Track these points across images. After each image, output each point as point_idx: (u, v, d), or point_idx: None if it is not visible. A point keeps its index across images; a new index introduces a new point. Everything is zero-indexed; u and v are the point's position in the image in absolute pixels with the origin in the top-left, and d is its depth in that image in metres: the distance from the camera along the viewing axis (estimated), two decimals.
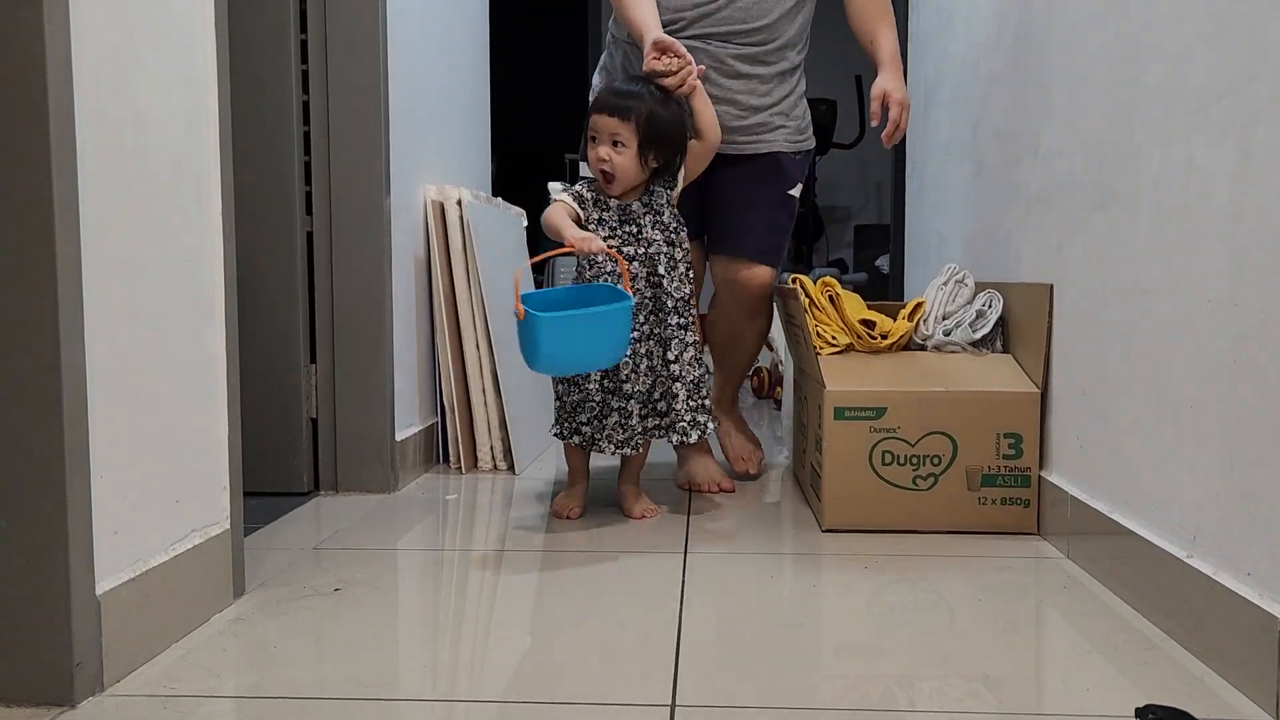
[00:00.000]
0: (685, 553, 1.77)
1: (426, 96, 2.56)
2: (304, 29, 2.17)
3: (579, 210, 1.94)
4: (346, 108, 2.18)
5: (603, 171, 1.93)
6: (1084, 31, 1.71)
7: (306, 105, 2.18)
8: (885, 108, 2.16)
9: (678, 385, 1.94)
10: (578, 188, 2.00)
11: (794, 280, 2.17)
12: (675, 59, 1.93)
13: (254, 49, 2.12)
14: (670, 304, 1.94)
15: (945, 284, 2.14)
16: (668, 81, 1.93)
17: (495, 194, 3.15)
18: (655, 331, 1.95)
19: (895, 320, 2.12)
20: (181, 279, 1.37)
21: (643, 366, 1.93)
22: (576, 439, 1.97)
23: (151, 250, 1.30)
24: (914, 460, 1.88)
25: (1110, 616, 1.45)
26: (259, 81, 2.13)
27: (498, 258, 2.65)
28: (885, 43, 2.23)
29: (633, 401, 1.92)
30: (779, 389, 3.57)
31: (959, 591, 1.56)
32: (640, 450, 2.00)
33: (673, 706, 1.15)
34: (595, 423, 1.95)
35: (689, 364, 1.95)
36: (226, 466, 1.48)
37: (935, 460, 1.89)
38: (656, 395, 1.97)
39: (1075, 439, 1.74)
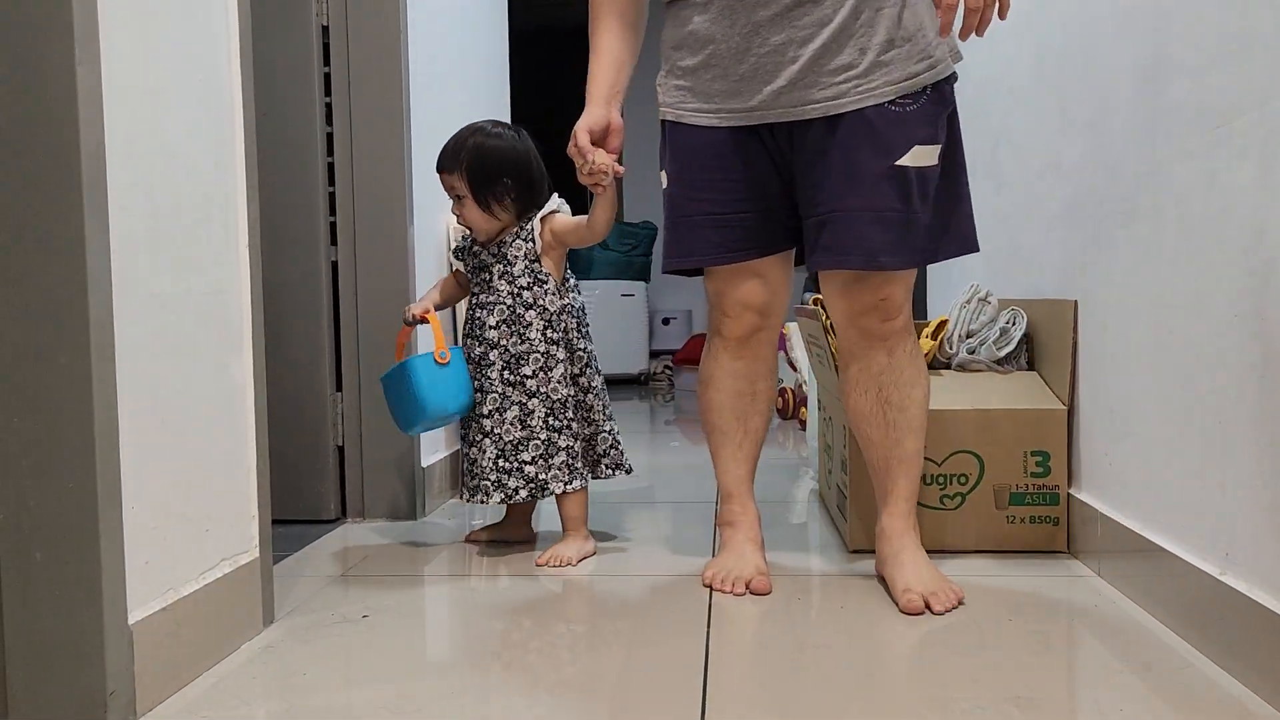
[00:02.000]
0: None
1: (449, 125, 2.58)
2: (327, 62, 2.20)
3: (462, 265, 1.99)
4: (369, 139, 2.21)
5: (464, 225, 1.96)
6: (1105, 48, 1.71)
7: (330, 137, 2.21)
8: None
9: (487, 441, 1.88)
10: (459, 243, 2.02)
11: (814, 301, 2.17)
12: (580, 158, 1.66)
13: (278, 83, 2.15)
14: (494, 357, 1.88)
15: (968, 302, 2.14)
16: (581, 178, 1.69)
17: None
18: (477, 384, 1.91)
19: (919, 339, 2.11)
20: (210, 310, 1.39)
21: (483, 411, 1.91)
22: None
23: (180, 283, 1.32)
24: (940, 479, 1.87)
25: (1143, 635, 1.43)
26: (283, 115, 2.17)
27: None
28: None
29: (486, 442, 1.89)
30: (804, 410, 3.56)
31: (989, 611, 1.55)
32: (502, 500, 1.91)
33: None
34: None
35: (511, 424, 1.86)
36: (255, 495, 1.49)
37: (962, 479, 1.88)
38: (524, 456, 1.88)
39: (1104, 456, 1.73)
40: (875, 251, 1.54)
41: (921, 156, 1.54)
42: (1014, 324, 2.06)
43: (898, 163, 1.52)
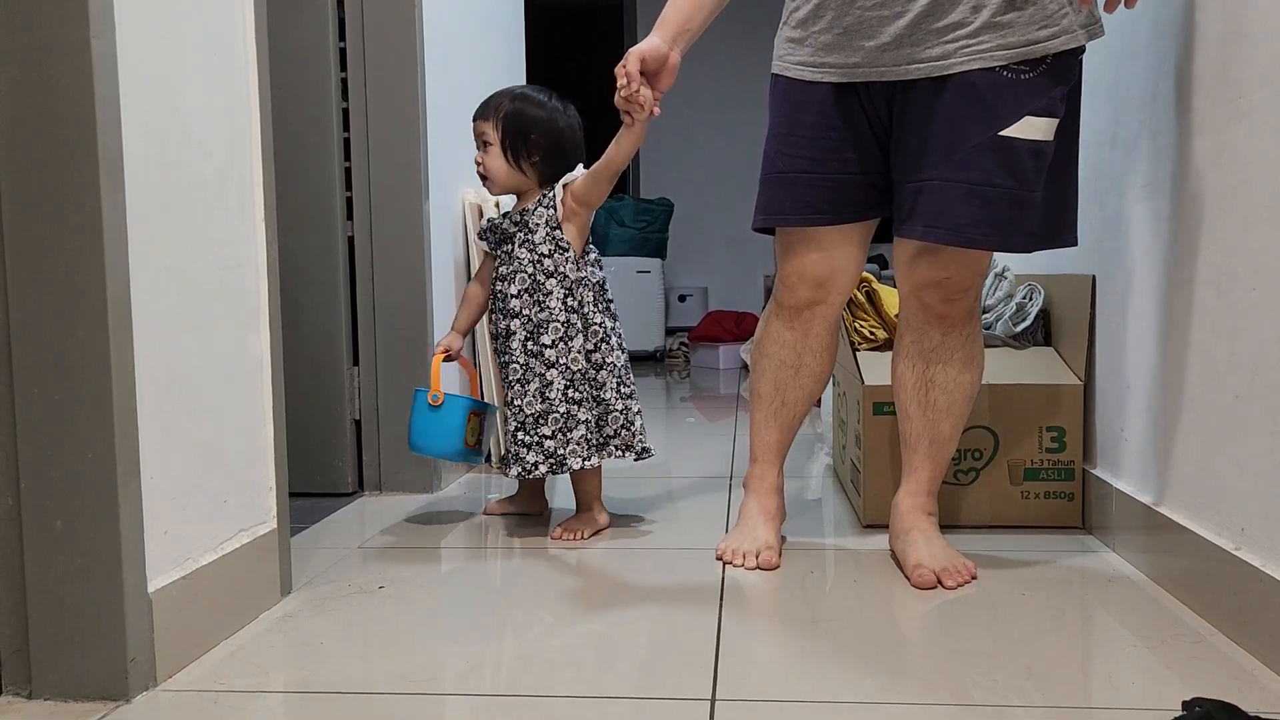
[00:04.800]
0: None
1: (464, 102, 2.58)
2: (343, 37, 2.20)
3: (486, 246, 1.96)
4: (385, 114, 2.21)
5: (481, 175, 1.93)
6: (1125, 22, 1.69)
7: (346, 112, 2.22)
8: None
9: (508, 412, 1.88)
10: (486, 220, 1.98)
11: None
12: (625, 78, 1.57)
13: (294, 58, 2.15)
14: (516, 327, 1.87)
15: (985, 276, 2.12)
16: (617, 100, 1.61)
17: None
18: (504, 358, 1.89)
19: None
20: (227, 285, 1.40)
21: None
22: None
23: (197, 257, 1.33)
24: (955, 455, 1.87)
25: (1157, 610, 1.43)
26: (299, 90, 2.17)
27: None
28: None
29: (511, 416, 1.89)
30: None
31: (1002, 586, 1.55)
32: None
33: (713, 700, 1.15)
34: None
35: (532, 396, 1.84)
36: (273, 467, 1.51)
37: (976, 454, 1.88)
38: (545, 430, 1.87)
39: (1120, 432, 1.72)
40: (964, 227, 1.46)
41: (1035, 129, 1.44)
42: (1031, 299, 2.04)
43: (1003, 133, 1.43)
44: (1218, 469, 1.37)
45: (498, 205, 2.53)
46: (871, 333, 2.06)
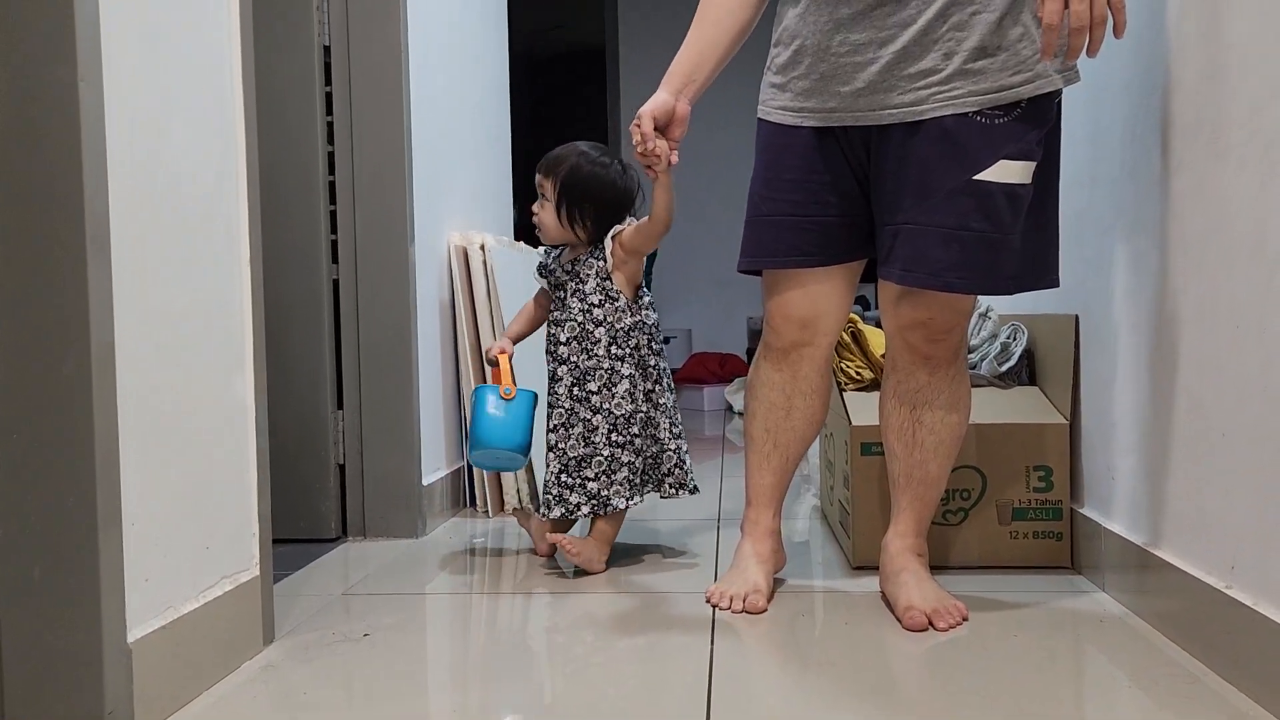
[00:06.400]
0: None
1: (449, 145, 2.60)
2: (329, 81, 2.21)
3: (545, 281, 2.02)
4: (371, 158, 2.22)
5: (534, 223, 2.00)
6: (1103, 64, 1.71)
7: (332, 156, 2.22)
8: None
9: (551, 455, 1.94)
10: (541, 259, 2.05)
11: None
12: (639, 137, 1.62)
13: (280, 101, 2.16)
14: (563, 373, 1.93)
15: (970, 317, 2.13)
16: (636, 157, 1.69)
17: (517, 239, 3.18)
18: (549, 399, 1.96)
19: None
20: (212, 327, 1.38)
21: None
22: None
23: (182, 299, 1.32)
24: (944, 495, 1.86)
25: (1149, 650, 1.42)
26: (286, 133, 2.17)
27: (522, 301, 2.66)
28: None
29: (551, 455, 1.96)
30: None
31: (994, 627, 1.54)
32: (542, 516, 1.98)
33: None
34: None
35: (575, 440, 1.90)
36: (256, 513, 1.49)
37: (964, 494, 1.87)
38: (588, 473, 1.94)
39: (1106, 470, 1.72)
40: (942, 270, 1.47)
41: (1010, 173, 1.45)
42: (1015, 339, 2.05)
43: (978, 177, 1.44)
44: (1206, 507, 1.37)
45: (483, 248, 2.53)
46: (858, 373, 2.06)
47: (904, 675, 1.39)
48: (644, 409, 1.93)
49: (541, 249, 2.07)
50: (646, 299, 1.98)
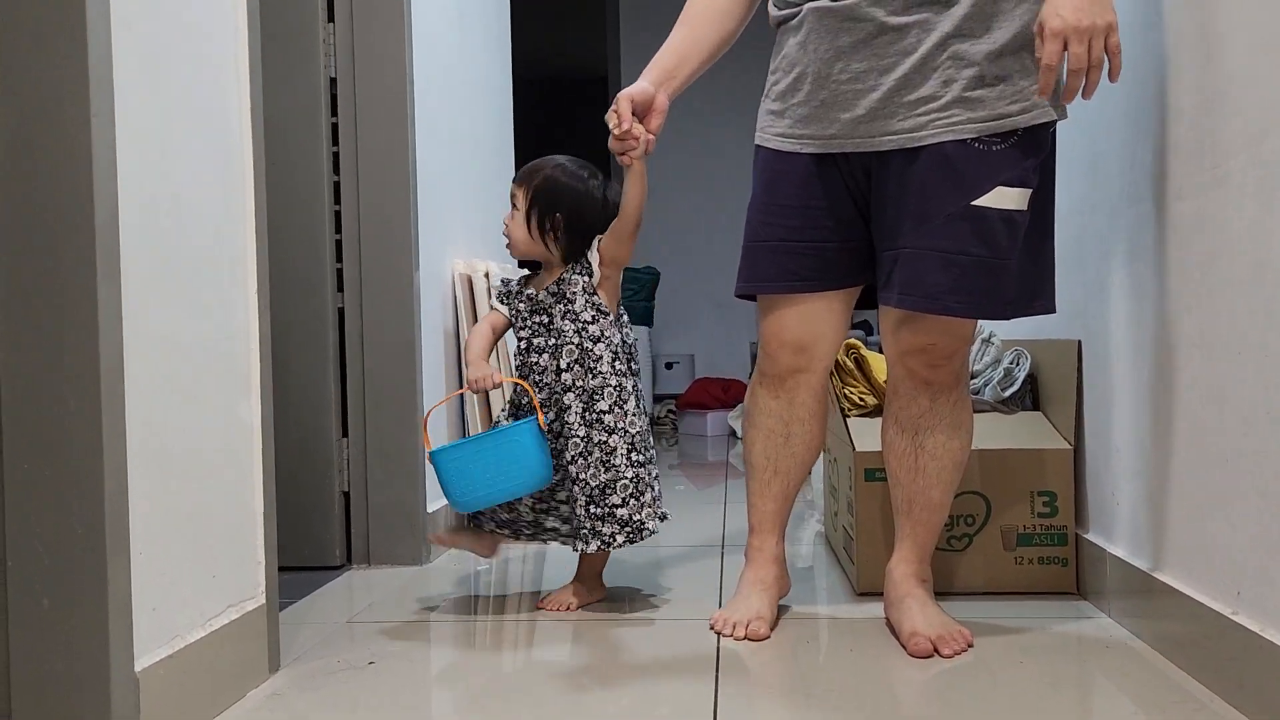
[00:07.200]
0: None
1: (453, 173, 2.62)
2: (334, 112, 2.24)
3: (505, 310, 1.89)
4: (376, 188, 2.23)
5: (505, 234, 1.90)
6: (1103, 91, 1.73)
7: (338, 185, 2.24)
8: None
9: (576, 488, 1.79)
10: (502, 283, 1.94)
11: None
12: (616, 119, 1.61)
13: (287, 133, 2.18)
14: (570, 400, 1.80)
15: (972, 343, 2.14)
16: (611, 142, 1.65)
17: (521, 267, 3.19)
18: (554, 428, 1.82)
19: None
20: (219, 355, 1.40)
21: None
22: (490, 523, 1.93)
23: (190, 327, 1.33)
24: (948, 520, 1.86)
25: (1156, 676, 1.42)
26: (292, 164, 2.19)
27: None
28: None
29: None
30: None
31: (999, 654, 1.54)
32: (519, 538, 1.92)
33: None
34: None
35: (595, 466, 1.78)
36: (262, 541, 1.49)
37: (969, 520, 1.87)
38: (560, 496, 1.86)
39: (1111, 495, 1.72)
40: (940, 295, 1.48)
41: (1007, 199, 1.47)
42: (1018, 364, 2.06)
43: (976, 203, 1.46)
44: (1210, 531, 1.37)
45: (487, 275, 2.55)
46: (861, 399, 2.07)
47: (909, 702, 1.38)
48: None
49: (505, 282, 1.95)
50: (625, 317, 1.91)
